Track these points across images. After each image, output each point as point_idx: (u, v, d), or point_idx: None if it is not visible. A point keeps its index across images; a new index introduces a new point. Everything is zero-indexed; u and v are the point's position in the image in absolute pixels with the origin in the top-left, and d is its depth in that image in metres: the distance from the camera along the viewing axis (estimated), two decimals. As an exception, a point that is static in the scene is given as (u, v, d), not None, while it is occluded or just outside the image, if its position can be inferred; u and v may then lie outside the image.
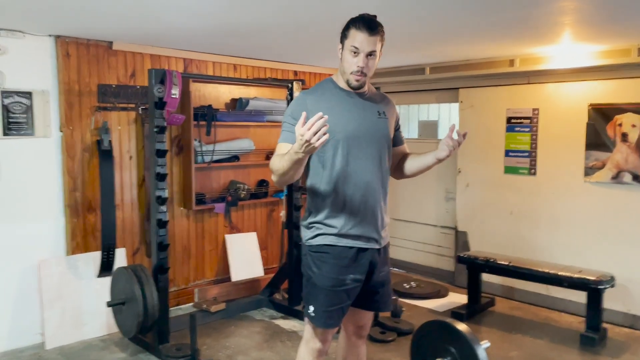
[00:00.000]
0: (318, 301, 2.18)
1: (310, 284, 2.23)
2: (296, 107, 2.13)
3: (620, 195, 4.08)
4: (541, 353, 3.62)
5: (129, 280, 3.32)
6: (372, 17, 2.12)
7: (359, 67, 2.10)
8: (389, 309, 2.48)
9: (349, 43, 2.10)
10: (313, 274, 2.20)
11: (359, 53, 2.09)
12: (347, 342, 2.46)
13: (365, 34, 2.06)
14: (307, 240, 2.24)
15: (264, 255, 5.02)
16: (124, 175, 4.11)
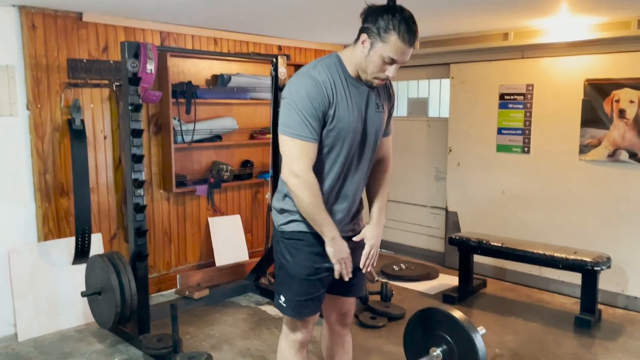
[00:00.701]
0: (291, 291, 2.04)
1: (283, 273, 2.08)
2: (316, 96, 1.85)
3: (617, 174, 3.96)
4: (536, 337, 3.52)
5: (105, 269, 3.12)
6: (414, 23, 1.83)
7: (387, 76, 1.89)
8: (363, 293, 2.32)
9: (385, 51, 1.82)
10: (286, 262, 2.05)
11: (394, 63, 1.86)
12: (331, 333, 2.31)
13: (407, 45, 1.82)
14: (279, 226, 2.07)
15: (249, 239, 4.85)
16: (99, 157, 3.87)
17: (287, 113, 1.87)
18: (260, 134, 4.77)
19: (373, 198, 2.20)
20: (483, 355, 2.58)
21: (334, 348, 2.31)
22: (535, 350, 3.32)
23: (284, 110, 1.89)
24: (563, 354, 3.27)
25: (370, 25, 1.84)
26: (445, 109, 5.06)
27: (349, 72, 1.94)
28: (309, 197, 1.87)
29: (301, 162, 1.86)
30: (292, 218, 2.04)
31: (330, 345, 2.31)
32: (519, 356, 3.23)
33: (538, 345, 3.39)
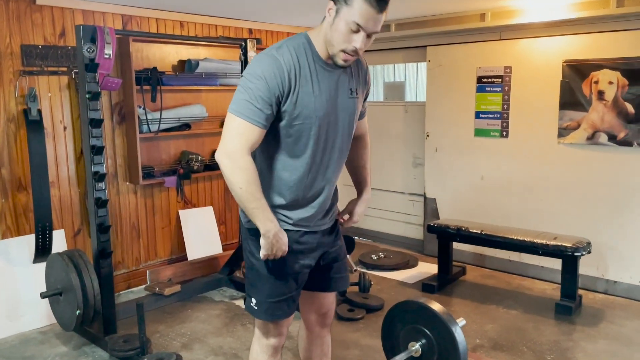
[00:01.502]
0: (263, 292, 1.89)
1: (253, 273, 1.92)
2: (273, 78, 1.67)
3: (596, 156, 3.89)
4: (517, 325, 3.45)
5: (65, 268, 2.94)
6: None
7: (355, 47, 1.69)
8: (346, 286, 2.17)
9: (350, 15, 1.64)
10: (256, 260, 1.88)
11: (361, 31, 1.67)
12: (309, 334, 2.17)
13: (375, 10, 1.63)
14: (246, 222, 1.91)
15: (222, 231, 4.68)
16: (59, 148, 3.66)
17: (238, 91, 1.71)
18: (232, 122, 4.58)
19: (357, 172, 2.13)
20: (463, 349, 2.48)
21: (312, 350, 2.18)
22: (516, 338, 3.25)
23: (238, 88, 1.72)
24: (544, 341, 3.21)
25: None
26: (422, 93, 4.94)
27: (319, 53, 1.76)
28: (241, 182, 1.67)
29: (237, 142, 1.66)
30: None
31: (308, 346, 2.18)
32: (500, 345, 3.16)
33: (519, 333, 3.32)
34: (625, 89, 3.69)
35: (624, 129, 3.72)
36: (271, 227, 1.74)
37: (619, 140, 3.76)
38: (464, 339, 2.49)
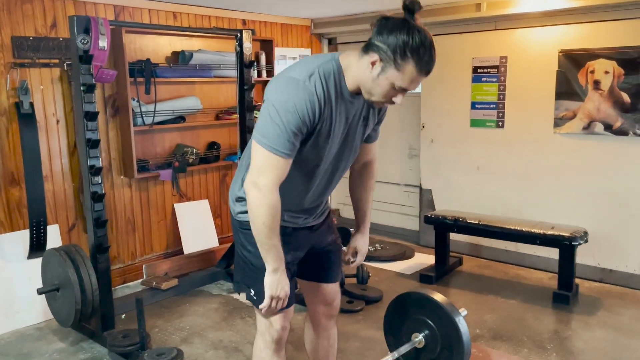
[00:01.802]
0: (259, 282, 1.86)
1: (246, 265, 1.92)
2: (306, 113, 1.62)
3: (592, 146, 3.91)
4: (515, 314, 3.46)
5: (62, 264, 2.89)
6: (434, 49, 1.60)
7: (395, 103, 1.68)
8: (339, 278, 2.16)
9: (397, 79, 1.59)
10: (248, 253, 1.88)
11: (404, 92, 1.66)
12: (316, 326, 2.16)
13: (423, 76, 1.61)
14: (237, 215, 1.91)
15: (218, 224, 4.65)
16: (52, 142, 3.60)
17: (268, 122, 1.63)
18: (227, 114, 4.54)
19: (359, 204, 2.13)
20: (467, 339, 2.48)
21: (318, 342, 2.16)
22: (515, 328, 3.26)
23: (265, 116, 1.64)
24: (544, 331, 3.22)
25: (384, 45, 1.59)
26: (417, 84, 4.91)
27: (347, 85, 1.70)
28: (265, 217, 1.67)
29: (269, 176, 1.65)
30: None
31: (314, 339, 2.16)
32: (500, 335, 3.17)
33: (518, 323, 3.34)
34: (621, 79, 3.70)
35: (620, 118, 3.74)
36: (280, 266, 1.76)
37: (614, 130, 3.77)
38: (467, 329, 2.50)
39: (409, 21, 1.59)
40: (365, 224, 2.16)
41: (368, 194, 2.13)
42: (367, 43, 1.64)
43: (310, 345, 2.18)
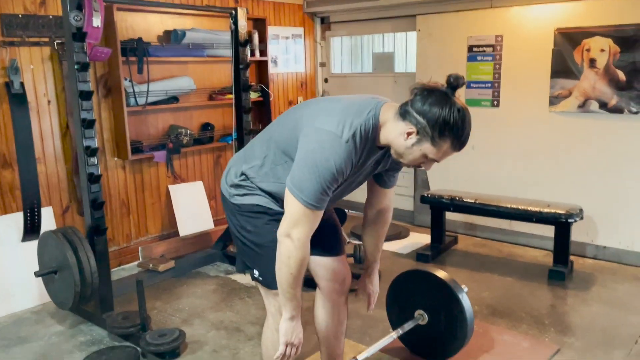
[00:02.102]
0: (262, 261, 1.88)
1: (247, 247, 1.92)
2: (344, 170, 1.66)
3: (587, 124, 3.93)
4: (512, 291, 3.50)
5: (60, 246, 2.84)
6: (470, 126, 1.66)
7: (423, 168, 1.77)
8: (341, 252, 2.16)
9: (431, 152, 1.64)
10: (248, 233, 1.89)
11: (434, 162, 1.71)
12: (326, 304, 2.15)
13: (456, 151, 1.68)
14: (232, 197, 1.91)
15: (213, 206, 4.61)
16: (43, 123, 3.52)
17: (305, 176, 1.64)
18: (220, 95, 4.48)
19: (370, 248, 2.21)
20: (470, 315, 2.51)
21: (328, 319, 2.16)
22: (512, 304, 3.30)
23: (303, 168, 1.64)
24: (540, 306, 3.27)
25: (423, 119, 1.61)
26: (412, 64, 4.89)
27: (378, 138, 1.73)
28: (294, 269, 1.70)
29: (303, 229, 1.68)
30: (250, 192, 1.89)
31: (324, 315, 2.16)
32: (499, 312, 3.21)
33: (515, 299, 3.38)
34: (617, 57, 3.71)
35: (615, 96, 3.76)
36: (297, 314, 1.81)
37: (610, 108, 3.80)
38: (470, 305, 2.53)
39: (450, 98, 1.61)
40: (374, 268, 2.25)
41: (380, 241, 2.21)
42: (405, 109, 1.65)
43: (320, 322, 2.18)
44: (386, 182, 2.04)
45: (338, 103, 1.75)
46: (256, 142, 1.94)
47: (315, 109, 1.79)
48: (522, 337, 2.87)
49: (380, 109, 1.71)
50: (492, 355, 2.68)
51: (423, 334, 2.61)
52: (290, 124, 1.81)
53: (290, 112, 1.93)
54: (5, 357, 2.80)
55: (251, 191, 1.89)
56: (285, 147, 1.79)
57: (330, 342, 2.19)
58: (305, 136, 1.68)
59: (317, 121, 1.69)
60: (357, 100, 1.75)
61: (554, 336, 2.90)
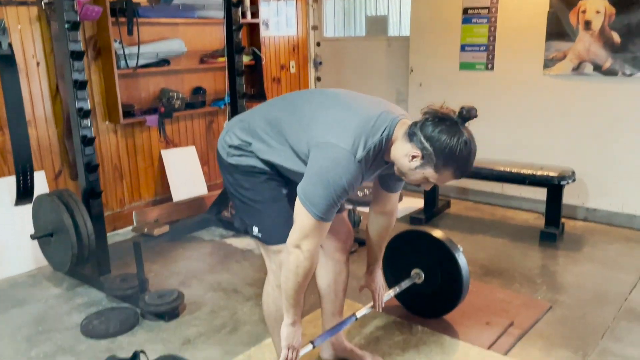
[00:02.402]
0: (261, 217, 1.90)
1: (245, 204, 1.92)
2: (354, 184, 1.70)
3: (581, 87, 3.93)
4: (505, 252, 3.56)
5: (55, 209, 2.82)
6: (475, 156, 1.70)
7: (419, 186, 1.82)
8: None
9: (433, 177, 1.69)
10: (246, 190, 1.90)
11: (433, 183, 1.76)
12: (328, 262, 2.16)
13: (456, 179, 1.73)
14: (230, 157, 1.91)
15: (206, 171, 4.59)
16: (33, 86, 3.45)
17: (319, 192, 1.66)
18: (212, 58, 4.41)
19: (375, 249, 2.23)
20: (466, 272, 2.55)
21: (329, 277, 2.18)
22: (505, 264, 3.36)
23: (316, 183, 1.67)
24: (532, 266, 3.33)
25: (429, 146, 1.63)
26: (405, 27, 4.84)
27: (387, 155, 1.77)
28: (302, 277, 1.74)
29: (313, 241, 1.71)
30: (247, 155, 1.89)
31: (326, 273, 2.19)
32: (492, 272, 3.26)
33: (507, 260, 3.44)
34: (612, 18, 3.69)
35: (610, 58, 3.76)
36: (298, 319, 1.84)
37: (604, 70, 3.80)
38: (466, 263, 2.57)
39: (459, 129, 1.63)
40: (376, 268, 2.27)
41: (383, 243, 2.25)
42: (413, 130, 1.67)
43: (322, 279, 2.20)
44: (391, 187, 2.05)
45: (355, 116, 1.73)
46: (260, 120, 1.89)
47: (330, 114, 1.76)
48: (514, 296, 2.93)
49: (395, 126, 1.73)
50: (486, 312, 2.73)
51: (419, 293, 2.65)
52: (301, 120, 1.79)
53: (299, 100, 1.90)
54: (3, 319, 2.81)
55: (250, 155, 1.89)
56: (293, 143, 1.79)
57: (331, 299, 2.22)
58: (320, 150, 1.69)
59: (331, 135, 1.69)
60: (373, 115, 1.73)
61: (545, 294, 2.96)
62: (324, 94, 1.91)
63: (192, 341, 2.56)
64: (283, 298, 1.81)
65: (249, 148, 1.88)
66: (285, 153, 1.82)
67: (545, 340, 2.51)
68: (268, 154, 1.85)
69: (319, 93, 1.92)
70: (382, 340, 2.50)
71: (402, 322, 2.65)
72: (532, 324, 2.64)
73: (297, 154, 1.79)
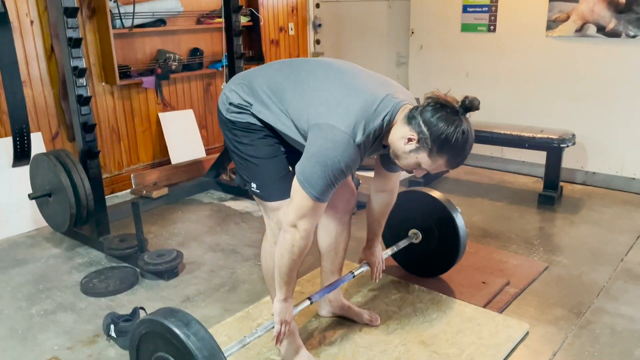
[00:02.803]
0: (260, 173, 1.89)
1: (244, 160, 1.91)
2: (351, 167, 1.69)
3: (584, 49, 3.88)
4: (503, 214, 3.57)
5: (53, 168, 2.81)
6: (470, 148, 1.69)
7: (411, 174, 1.84)
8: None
9: (426, 163, 1.69)
10: (245, 146, 1.88)
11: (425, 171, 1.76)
12: (330, 222, 2.15)
13: (449, 169, 1.76)
14: (230, 114, 1.89)
15: (204, 135, 4.57)
16: (27, 45, 3.40)
17: (318, 173, 1.65)
18: (209, 18, 4.33)
19: (374, 225, 2.22)
20: (463, 232, 2.56)
21: (330, 236, 2.18)
22: (502, 227, 3.37)
23: (315, 165, 1.65)
24: (530, 228, 3.34)
25: (426, 130, 1.63)
26: (406, -13, 4.74)
27: (386, 139, 1.76)
28: (297, 256, 1.75)
29: (310, 221, 1.71)
30: (247, 113, 1.87)
31: (327, 232, 2.18)
32: (489, 233, 3.28)
33: (505, 222, 3.45)
34: (618, -22, 3.61)
35: (614, 19, 3.69)
36: (290, 296, 1.85)
37: (607, 32, 3.74)
38: (464, 223, 2.57)
39: (460, 119, 1.63)
40: (376, 243, 2.26)
41: (383, 220, 2.22)
42: (413, 114, 1.67)
43: (323, 239, 2.19)
44: (392, 167, 2.03)
45: (358, 97, 1.70)
46: (263, 83, 1.86)
47: (333, 93, 1.73)
48: (512, 256, 2.95)
49: (397, 112, 1.72)
50: (482, 272, 2.76)
51: (416, 252, 2.67)
52: (303, 94, 1.77)
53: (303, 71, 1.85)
54: (3, 278, 2.83)
55: (250, 114, 1.87)
56: (293, 116, 1.78)
57: (331, 257, 2.23)
58: (319, 131, 1.67)
59: (332, 116, 1.67)
60: (377, 98, 1.71)
61: (542, 255, 2.98)
62: (330, 67, 1.86)
63: (191, 299, 2.59)
64: (276, 275, 1.82)
65: (250, 109, 1.86)
66: (285, 122, 1.81)
67: (540, 299, 2.54)
68: (268, 117, 1.84)
69: (324, 65, 1.88)
70: (379, 298, 2.53)
71: (399, 281, 2.67)
72: (528, 284, 2.66)
73: (297, 127, 1.78)
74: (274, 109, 1.82)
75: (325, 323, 2.33)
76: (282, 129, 1.82)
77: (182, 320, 1.53)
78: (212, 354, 1.48)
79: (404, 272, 2.76)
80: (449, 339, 2.20)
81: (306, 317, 2.36)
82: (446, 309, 2.42)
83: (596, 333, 2.26)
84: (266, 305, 2.45)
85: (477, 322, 2.32)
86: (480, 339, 2.20)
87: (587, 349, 2.15)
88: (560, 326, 2.31)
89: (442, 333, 2.25)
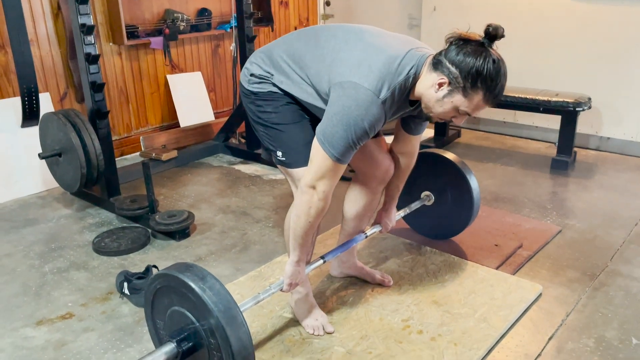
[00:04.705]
0: (284, 140, 1.84)
1: (269, 127, 1.86)
2: (375, 127, 1.63)
3: (603, 11, 3.76)
4: (515, 179, 3.53)
5: (62, 128, 2.79)
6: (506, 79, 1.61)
7: (452, 122, 1.74)
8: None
9: (463, 105, 1.59)
10: (269, 115, 1.83)
11: (466, 116, 1.66)
12: (362, 189, 2.10)
13: (490, 106, 1.62)
14: (251, 85, 1.85)
15: (213, 98, 4.52)
16: (34, 2, 3.33)
17: (340, 133, 1.60)
18: (217, -22, 4.23)
19: (392, 188, 2.16)
20: (477, 193, 2.53)
21: (358, 204, 2.12)
22: (515, 191, 3.34)
23: (337, 124, 1.59)
24: (543, 193, 3.31)
25: (455, 69, 1.55)
26: (420, -54, 4.60)
27: (413, 94, 1.69)
28: (314, 218, 1.71)
29: (329, 183, 1.67)
30: (268, 83, 1.83)
31: (354, 200, 2.13)
32: (502, 198, 3.25)
33: (518, 187, 3.41)
34: None
35: (636, -21, 3.57)
36: (304, 258, 1.84)
37: (628, -8, 3.62)
38: (477, 185, 2.54)
39: (486, 49, 1.55)
40: (392, 205, 2.22)
41: (401, 183, 2.17)
42: (437, 59, 1.60)
43: (351, 206, 2.13)
44: (413, 129, 1.98)
45: (380, 54, 1.63)
46: (282, 52, 1.82)
47: (355, 53, 1.66)
48: (524, 220, 2.93)
49: (424, 63, 1.64)
50: (495, 235, 2.74)
51: (429, 215, 2.64)
52: (324, 57, 1.71)
53: (323, 34, 1.79)
54: (16, 237, 2.84)
55: (271, 84, 1.84)
56: (314, 80, 1.73)
57: (354, 224, 2.16)
58: (342, 89, 1.61)
59: (355, 74, 1.61)
60: (400, 53, 1.64)
61: (555, 219, 2.95)
62: (350, 30, 1.80)
63: (203, 259, 2.59)
64: (291, 237, 1.79)
65: (271, 79, 1.83)
66: (307, 89, 1.77)
67: (553, 261, 2.52)
68: (290, 86, 1.80)
69: (344, 29, 1.82)
70: (391, 259, 2.52)
71: (411, 244, 2.66)
72: (541, 247, 2.65)
73: (318, 91, 1.73)
74: (295, 77, 1.78)
75: (338, 283, 2.33)
76: (304, 97, 1.78)
77: (197, 274, 1.52)
78: (227, 307, 1.48)
79: (416, 234, 2.75)
80: (461, 300, 2.20)
81: (318, 277, 2.36)
82: (458, 271, 2.41)
83: (610, 295, 2.25)
84: (278, 265, 2.45)
85: (490, 283, 2.31)
86: (492, 299, 2.19)
87: (600, 310, 2.15)
88: (573, 288, 2.30)
89: (455, 294, 2.24)
